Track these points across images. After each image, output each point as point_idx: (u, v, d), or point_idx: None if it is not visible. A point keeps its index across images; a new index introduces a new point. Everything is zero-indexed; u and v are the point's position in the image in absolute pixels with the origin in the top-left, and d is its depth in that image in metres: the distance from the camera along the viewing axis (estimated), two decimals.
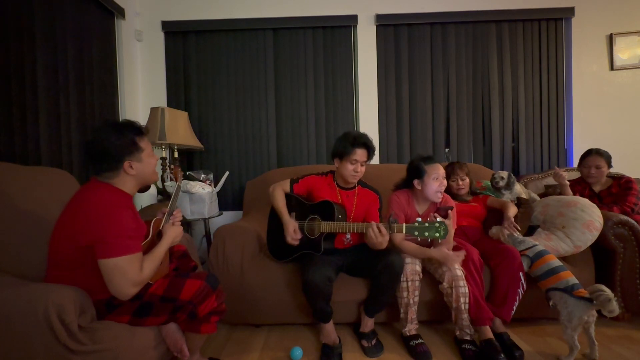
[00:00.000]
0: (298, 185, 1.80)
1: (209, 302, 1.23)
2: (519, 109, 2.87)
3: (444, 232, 1.42)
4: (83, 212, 1.07)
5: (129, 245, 1.06)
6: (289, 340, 1.73)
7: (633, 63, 2.83)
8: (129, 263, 1.05)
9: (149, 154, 1.21)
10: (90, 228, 1.04)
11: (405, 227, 1.47)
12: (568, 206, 1.86)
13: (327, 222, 1.63)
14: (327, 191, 1.76)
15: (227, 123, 2.87)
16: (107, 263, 1.03)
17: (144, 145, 1.19)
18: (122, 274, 1.04)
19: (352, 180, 1.72)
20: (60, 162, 1.94)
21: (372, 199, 1.78)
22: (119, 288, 1.05)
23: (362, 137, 1.68)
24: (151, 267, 1.14)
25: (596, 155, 2.11)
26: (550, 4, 2.81)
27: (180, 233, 1.32)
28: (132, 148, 1.15)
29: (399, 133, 2.90)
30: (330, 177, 1.81)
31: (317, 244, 1.65)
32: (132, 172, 1.16)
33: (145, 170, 1.20)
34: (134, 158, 1.15)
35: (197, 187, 2.32)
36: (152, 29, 2.84)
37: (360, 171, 1.69)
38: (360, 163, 1.67)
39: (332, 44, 2.88)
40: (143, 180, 1.21)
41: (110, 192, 1.13)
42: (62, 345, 0.97)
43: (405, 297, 1.62)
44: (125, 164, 1.14)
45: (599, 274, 1.81)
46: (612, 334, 1.71)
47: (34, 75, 1.81)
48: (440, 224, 1.43)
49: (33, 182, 1.41)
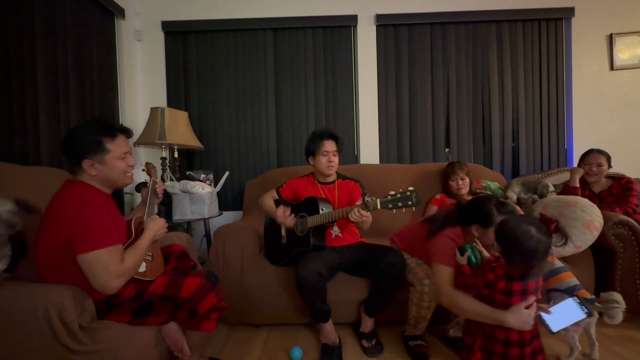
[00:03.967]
0: (283, 190, 1.88)
1: (209, 299, 1.23)
2: (519, 109, 2.87)
3: (417, 199, 1.38)
4: (58, 211, 1.07)
5: (105, 238, 1.05)
6: (289, 340, 1.73)
7: (633, 63, 2.83)
8: (107, 255, 1.04)
9: (116, 157, 1.16)
10: (66, 225, 1.04)
11: (379, 202, 1.45)
12: (568, 206, 1.86)
13: (313, 216, 1.65)
14: (310, 189, 1.82)
15: (227, 123, 2.87)
16: (86, 258, 1.02)
17: (111, 147, 1.15)
18: (102, 267, 1.02)
19: (329, 171, 1.76)
20: (60, 162, 1.93)
21: (352, 187, 1.83)
22: (101, 281, 1.03)
23: (327, 130, 1.78)
24: (133, 258, 1.12)
25: (597, 154, 2.12)
26: (550, 4, 2.81)
27: (163, 225, 1.30)
28: (94, 148, 1.13)
29: (399, 133, 2.90)
30: (311, 176, 1.88)
31: (306, 240, 1.67)
32: (93, 172, 1.13)
33: (109, 173, 1.16)
34: (95, 158, 1.13)
35: (197, 187, 2.32)
36: (152, 29, 2.84)
37: (333, 161, 1.74)
38: (332, 153, 1.74)
39: (332, 44, 2.88)
40: (108, 182, 1.18)
41: (83, 189, 1.12)
42: (62, 345, 0.97)
43: (422, 313, 1.54)
44: (85, 163, 1.12)
45: (599, 274, 1.81)
46: (612, 334, 1.71)
47: (34, 75, 1.81)
48: (412, 191, 1.39)
49: (33, 182, 1.41)
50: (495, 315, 1.16)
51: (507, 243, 1.13)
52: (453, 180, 2.13)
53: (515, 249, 1.10)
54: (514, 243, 1.10)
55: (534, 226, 1.10)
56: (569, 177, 2.17)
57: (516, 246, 1.10)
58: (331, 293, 1.64)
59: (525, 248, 1.08)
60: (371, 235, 1.96)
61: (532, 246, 1.07)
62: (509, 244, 1.12)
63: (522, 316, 1.13)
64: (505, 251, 1.14)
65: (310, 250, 1.65)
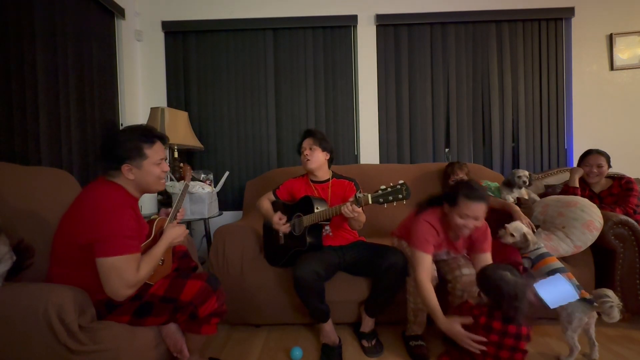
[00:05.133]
0: (280, 191, 1.90)
1: (210, 303, 1.23)
2: (519, 109, 2.87)
3: (407, 192, 1.39)
4: (85, 209, 1.08)
5: (127, 245, 1.06)
6: (289, 340, 1.73)
7: (633, 63, 2.83)
8: (126, 263, 1.05)
9: (153, 163, 1.19)
10: (90, 225, 1.05)
11: (370, 197, 1.45)
12: (568, 206, 1.86)
13: (308, 215, 1.65)
14: (305, 189, 1.84)
15: (227, 123, 2.87)
16: (105, 262, 1.03)
17: (150, 153, 1.18)
18: (118, 274, 1.04)
19: (308, 165, 1.79)
20: (60, 162, 1.94)
21: (346, 186, 1.84)
22: (114, 289, 1.05)
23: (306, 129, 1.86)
24: (148, 268, 1.13)
25: (597, 154, 2.11)
26: (550, 4, 2.81)
27: (183, 233, 1.31)
28: (134, 153, 1.15)
29: (399, 133, 2.90)
30: (305, 177, 1.90)
31: (302, 240, 1.67)
32: (131, 176, 1.16)
33: (145, 178, 1.19)
34: (134, 163, 1.16)
35: (197, 187, 2.32)
36: (152, 29, 2.84)
37: (307, 154, 1.77)
38: (308, 148, 1.78)
39: (332, 44, 2.88)
40: (143, 187, 1.21)
41: (114, 191, 1.14)
42: (62, 345, 0.96)
43: (419, 302, 1.58)
44: (125, 167, 1.14)
45: (598, 274, 1.81)
46: (612, 334, 1.71)
47: (34, 75, 1.81)
48: (402, 184, 1.40)
49: (33, 182, 1.41)
50: (435, 313, 1.40)
51: (490, 290, 1.31)
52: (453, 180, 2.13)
53: (498, 294, 1.27)
54: (495, 289, 1.28)
55: (508, 270, 1.29)
56: (568, 177, 2.17)
57: (497, 292, 1.27)
58: (331, 293, 1.64)
59: (506, 292, 1.25)
60: (371, 235, 1.97)
61: (512, 289, 1.24)
62: (492, 291, 1.30)
63: (452, 329, 1.34)
64: (492, 299, 1.31)
65: (307, 249, 1.65)
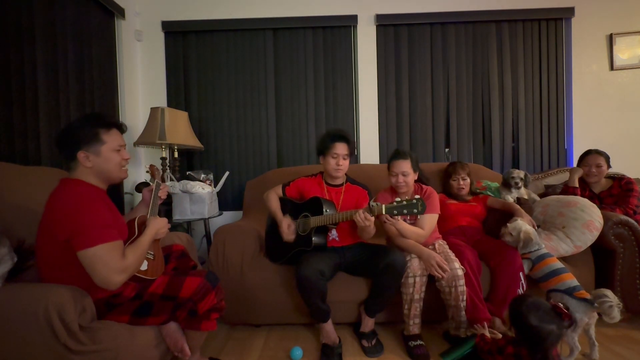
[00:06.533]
0: (290, 188, 1.86)
1: (209, 299, 1.23)
2: (519, 109, 2.87)
3: (422, 208, 1.41)
4: (55, 209, 1.07)
5: (104, 234, 1.05)
6: (289, 340, 1.73)
7: (633, 63, 2.83)
8: (107, 251, 1.04)
9: (112, 149, 1.17)
10: (63, 223, 1.04)
11: (384, 207, 1.46)
12: (568, 206, 1.86)
13: (316, 217, 1.64)
14: (317, 190, 1.81)
15: (227, 123, 2.87)
16: (86, 254, 1.02)
17: (107, 138, 1.16)
18: (102, 263, 1.02)
19: (336, 174, 1.75)
20: (60, 162, 1.93)
21: (360, 194, 1.82)
22: (102, 277, 1.03)
23: (340, 132, 1.76)
24: (135, 254, 1.12)
25: (596, 155, 2.12)
26: (550, 4, 2.81)
27: (165, 225, 1.30)
28: (91, 138, 1.14)
29: (399, 133, 2.89)
30: (319, 176, 1.87)
31: (308, 240, 1.66)
32: (88, 164, 1.14)
33: (104, 165, 1.16)
34: (91, 150, 1.14)
35: (197, 187, 2.32)
36: (152, 29, 2.84)
37: (342, 164, 1.73)
38: (342, 156, 1.72)
39: (332, 44, 2.88)
40: (105, 175, 1.19)
41: (79, 185, 1.12)
42: (62, 345, 0.97)
43: (410, 292, 1.60)
44: (81, 154, 1.12)
45: (598, 274, 1.82)
46: (612, 334, 1.71)
47: (34, 75, 1.81)
48: (418, 199, 1.42)
49: (33, 182, 1.41)
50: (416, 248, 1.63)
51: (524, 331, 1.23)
52: (454, 180, 2.13)
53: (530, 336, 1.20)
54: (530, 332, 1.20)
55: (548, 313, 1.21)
56: (568, 177, 2.17)
57: (532, 335, 1.20)
58: (331, 293, 1.64)
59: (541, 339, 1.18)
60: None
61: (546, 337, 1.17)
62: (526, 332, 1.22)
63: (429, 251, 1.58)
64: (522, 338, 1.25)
65: (311, 250, 1.65)
